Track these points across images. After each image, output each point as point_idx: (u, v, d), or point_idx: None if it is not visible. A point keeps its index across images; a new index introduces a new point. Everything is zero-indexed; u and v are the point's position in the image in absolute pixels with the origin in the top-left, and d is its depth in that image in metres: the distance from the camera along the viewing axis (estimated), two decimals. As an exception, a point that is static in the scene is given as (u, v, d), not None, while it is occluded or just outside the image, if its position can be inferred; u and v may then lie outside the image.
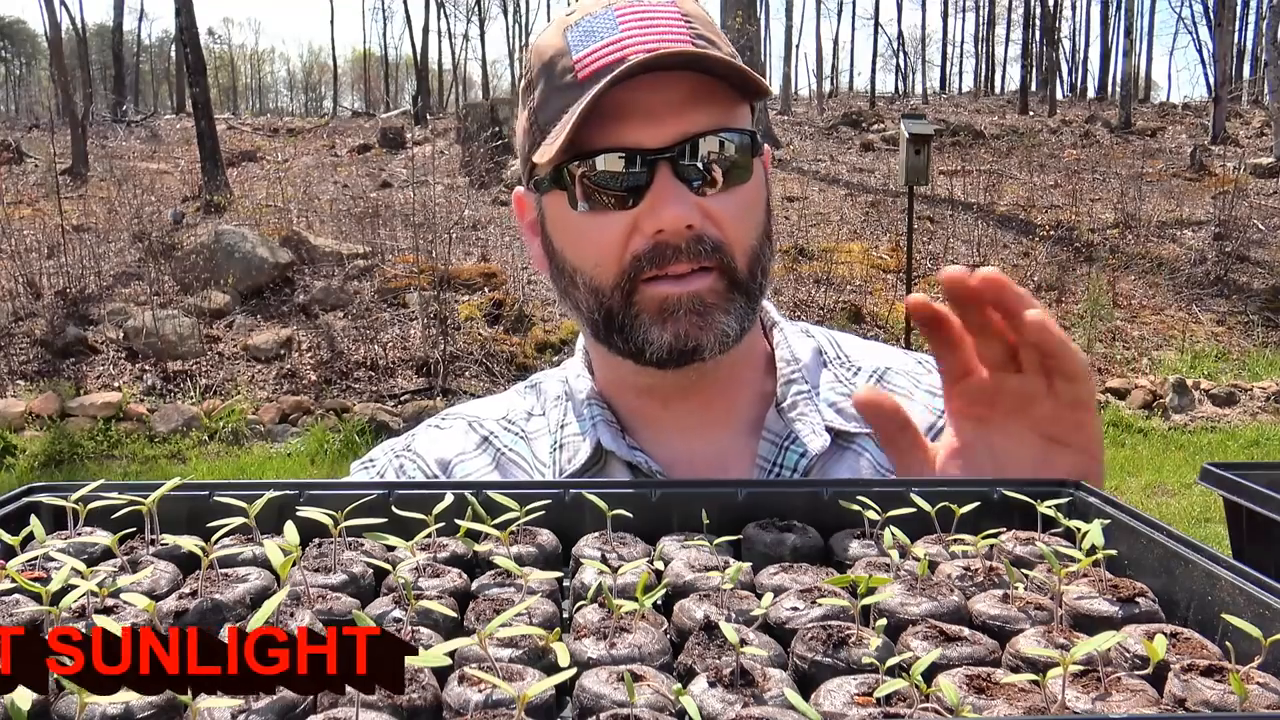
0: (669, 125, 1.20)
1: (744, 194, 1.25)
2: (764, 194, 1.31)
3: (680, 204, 1.19)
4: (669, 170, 1.20)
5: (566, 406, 1.38)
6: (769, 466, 1.29)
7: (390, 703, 0.62)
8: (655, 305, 1.22)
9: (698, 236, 1.21)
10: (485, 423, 1.42)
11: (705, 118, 1.21)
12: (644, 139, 1.20)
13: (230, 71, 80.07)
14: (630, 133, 1.20)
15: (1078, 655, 0.61)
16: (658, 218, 1.20)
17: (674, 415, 1.33)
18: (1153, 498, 7.80)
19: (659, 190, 1.20)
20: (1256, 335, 12.18)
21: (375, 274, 12.26)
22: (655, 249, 1.21)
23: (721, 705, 0.62)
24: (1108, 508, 0.90)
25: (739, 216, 1.25)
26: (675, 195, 1.19)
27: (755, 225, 1.28)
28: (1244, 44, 40.64)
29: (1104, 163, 18.71)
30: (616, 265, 1.23)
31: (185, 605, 0.76)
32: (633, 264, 1.22)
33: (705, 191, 1.22)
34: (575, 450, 1.31)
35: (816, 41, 50.88)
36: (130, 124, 24.60)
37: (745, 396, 1.36)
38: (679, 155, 1.20)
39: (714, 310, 1.22)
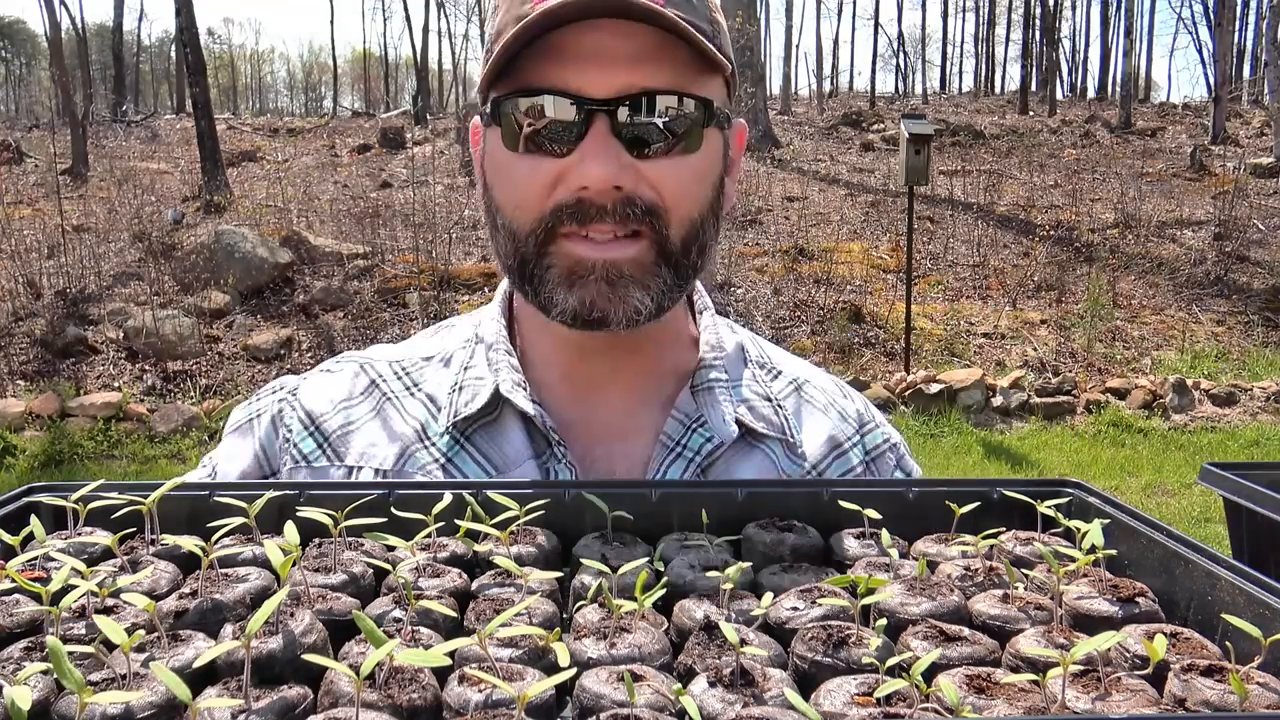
0: (617, 76, 1.14)
1: (691, 164, 1.18)
2: (717, 170, 1.24)
3: (608, 162, 1.13)
4: (606, 124, 1.14)
5: (475, 349, 1.34)
6: (672, 445, 1.26)
7: (390, 703, 0.62)
8: (567, 264, 1.17)
9: (627, 198, 1.15)
10: (377, 364, 1.39)
11: (659, 76, 1.14)
12: (587, 86, 1.14)
13: (230, 71, 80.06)
14: (575, 77, 1.15)
15: (1078, 655, 0.61)
16: (584, 173, 1.14)
17: (588, 371, 1.29)
18: (1153, 498, 7.79)
19: (591, 144, 1.14)
20: (1256, 335, 12.17)
21: (375, 274, 12.25)
22: (579, 204, 1.15)
23: (721, 705, 0.62)
24: (1108, 508, 0.90)
25: (680, 185, 1.17)
26: (606, 152, 1.13)
27: (699, 199, 1.20)
28: (1244, 44, 40.65)
29: (1104, 163, 18.71)
30: (536, 211, 1.17)
31: (185, 605, 0.76)
32: (553, 213, 1.16)
33: (645, 153, 1.16)
34: (474, 394, 1.28)
35: (816, 41, 50.91)
36: (130, 124, 24.60)
37: (662, 370, 1.33)
38: (620, 109, 1.14)
39: (629, 283, 1.17)
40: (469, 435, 1.27)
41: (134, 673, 0.63)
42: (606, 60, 1.14)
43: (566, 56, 1.15)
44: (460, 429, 1.27)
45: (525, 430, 1.27)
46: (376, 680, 0.63)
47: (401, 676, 0.64)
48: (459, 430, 1.27)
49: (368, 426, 1.32)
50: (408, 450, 1.28)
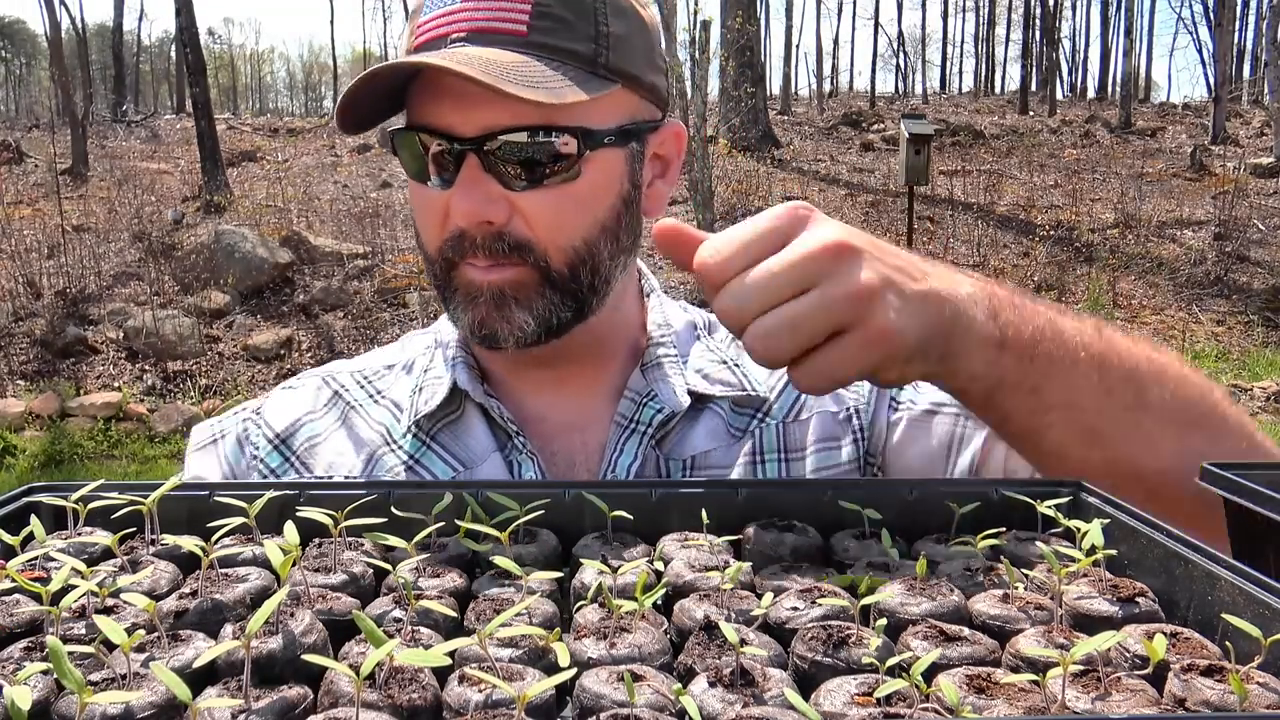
0: (479, 114, 1.15)
1: (568, 192, 1.19)
2: (615, 189, 1.23)
3: (474, 200, 1.16)
4: (475, 161, 1.16)
5: (435, 353, 1.36)
6: (625, 423, 1.28)
7: (390, 703, 0.62)
8: (463, 287, 1.22)
9: (497, 234, 1.17)
10: (339, 376, 1.42)
11: (523, 111, 1.13)
12: (456, 124, 1.17)
13: (230, 71, 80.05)
14: (445, 114, 1.17)
15: (1078, 655, 0.61)
16: (453, 210, 1.18)
17: (539, 370, 1.32)
18: (1153, 498, 7.78)
19: (462, 181, 1.17)
20: (1256, 335, 12.17)
21: (375, 274, 12.26)
22: (459, 238, 1.19)
23: (721, 705, 0.62)
24: (1108, 508, 0.90)
25: (557, 216, 1.19)
26: (474, 189, 1.16)
27: (582, 226, 1.21)
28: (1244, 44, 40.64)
29: (1104, 163, 18.71)
30: (437, 244, 1.22)
31: (185, 605, 0.76)
32: (446, 246, 1.21)
33: (517, 186, 1.17)
34: (433, 393, 1.30)
35: (816, 41, 50.89)
36: (130, 124, 24.60)
37: (616, 358, 1.35)
38: (486, 147, 1.16)
39: (512, 304, 1.20)
40: (434, 434, 1.30)
41: (134, 673, 0.63)
42: (469, 99, 1.15)
43: (439, 94, 1.18)
44: (425, 429, 1.30)
45: (487, 425, 1.30)
46: (376, 680, 0.63)
47: (401, 676, 0.64)
48: (424, 430, 1.30)
49: (334, 437, 1.35)
50: (375, 455, 1.32)
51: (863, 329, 0.92)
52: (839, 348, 0.92)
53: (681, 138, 1.35)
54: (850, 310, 0.91)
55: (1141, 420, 1.06)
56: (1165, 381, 1.08)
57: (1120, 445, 1.06)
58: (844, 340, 0.92)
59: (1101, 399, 1.04)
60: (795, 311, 0.90)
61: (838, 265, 0.92)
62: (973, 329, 0.99)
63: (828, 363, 0.92)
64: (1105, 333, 1.08)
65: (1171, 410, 1.07)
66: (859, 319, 0.91)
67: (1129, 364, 1.06)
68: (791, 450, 1.31)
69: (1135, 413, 1.06)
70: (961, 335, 0.98)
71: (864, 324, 0.91)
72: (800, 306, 0.90)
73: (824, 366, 0.92)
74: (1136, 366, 1.07)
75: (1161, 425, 1.06)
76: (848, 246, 0.92)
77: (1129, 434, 1.06)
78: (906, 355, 0.94)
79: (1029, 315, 1.03)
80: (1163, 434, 1.06)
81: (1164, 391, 1.07)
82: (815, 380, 0.94)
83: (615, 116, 1.22)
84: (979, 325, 0.99)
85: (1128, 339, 1.10)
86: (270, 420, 1.38)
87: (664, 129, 1.31)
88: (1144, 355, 1.09)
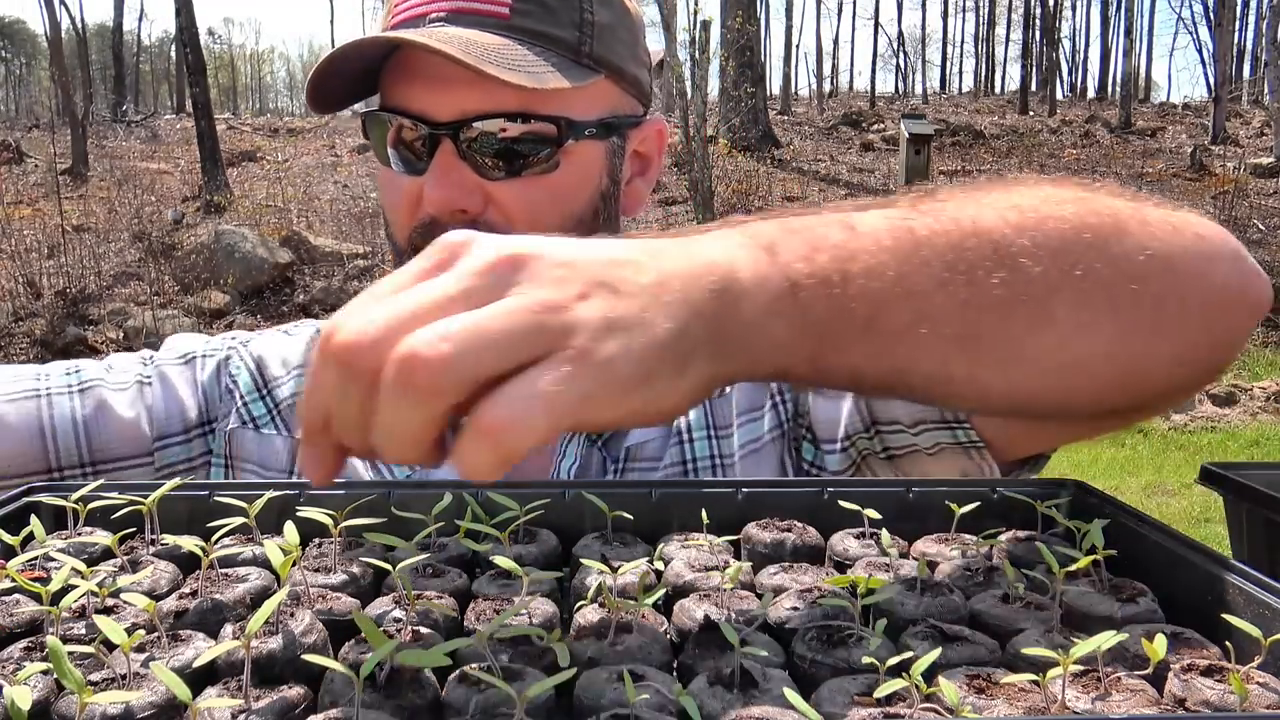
0: (458, 98, 1.11)
1: (546, 183, 1.16)
2: (593, 182, 1.20)
3: (448, 188, 1.12)
4: (450, 147, 1.13)
5: None
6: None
7: (390, 703, 0.62)
8: None
9: (471, 222, 1.13)
10: None
11: (501, 97, 1.10)
12: (431, 108, 1.13)
13: (230, 71, 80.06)
14: (420, 98, 1.14)
15: (1078, 655, 0.61)
16: (426, 197, 1.14)
17: None
18: (1153, 498, 7.80)
19: (436, 167, 1.13)
20: (1256, 335, 12.17)
21: (375, 274, 12.26)
22: (431, 226, 1.14)
23: (721, 705, 0.62)
24: (1108, 508, 0.90)
25: (533, 207, 1.15)
26: (448, 176, 1.12)
27: (560, 218, 1.17)
28: (1244, 44, 40.65)
29: (1104, 163, 18.71)
30: (406, 231, 1.18)
31: (185, 605, 0.77)
32: (415, 232, 1.17)
33: (493, 175, 1.14)
34: None
35: (816, 41, 50.90)
36: (130, 124, 24.60)
37: None
38: (463, 133, 1.13)
39: None
40: None
41: (134, 673, 0.63)
42: (446, 82, 1.11)
43: (412, 76, 1.14)
44: None
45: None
46: (376, 680, 0.63)
47: (401, 677, 0.64)
48: None
49: None
50: None
51: (561, 351, 0.61)
52: (526, 380, 0.61)
53: (663, 136, 1.32)
54: (537, 330, 0.62)
55: (1025, 302, 0.77)
56: (1045, 231, 0.79)
57: (1020, 344, 0.79)
58: (532, 371, 0.61)
59: (962, 293, 0.76)
60: (486, 322, 0.62)
61: (514, 277, 0.64)
62: (749, 293, 0.70)
63: (510, 402, 0.60)
64: (934, 206, 0.79)
65: (1062, 271, 0.78)
66: (554, 340, 0.62)
67: (991, 235, 0.78)
68: (720, 426, 1.27)
69: (1017, 295, 0.77)
70: (735, 306, 0.69)
71: (562, 343, 0.62)
72: (489, 317, 0.63)
73: (505, 410, 0.59)
74: (999, 235, 0.78)
75: (1061, 296, 0.78)
76: (521, 256, 0.65)
77: (1023, 326, 0.78)
78: (651, 369, 0.64)
79: (823, 236, 0.74)
80: (1069, 307, 0.79)
81: (1044, 250, 0.78)
82: (502, 432, 0.59)
83: (597, 108, 1.20)
84: (757, 284, 0.70)
85: (972, 199, 0.81)
86: (258, 357, 1.32)
87: (646, 125, 1.28)
88: (1001, 214, 0.80)
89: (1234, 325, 0.91)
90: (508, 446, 0.59)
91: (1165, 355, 0.86)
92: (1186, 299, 0.85)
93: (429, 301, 0.62)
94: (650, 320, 0.64)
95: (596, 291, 0.64)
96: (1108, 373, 0.84)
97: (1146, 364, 0.85)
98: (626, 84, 1.24)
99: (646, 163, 1.31)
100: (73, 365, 1.30)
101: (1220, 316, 0.89)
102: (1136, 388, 0.88)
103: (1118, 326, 0.82)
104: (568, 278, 0.64)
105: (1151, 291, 0.82)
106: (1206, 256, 0.88)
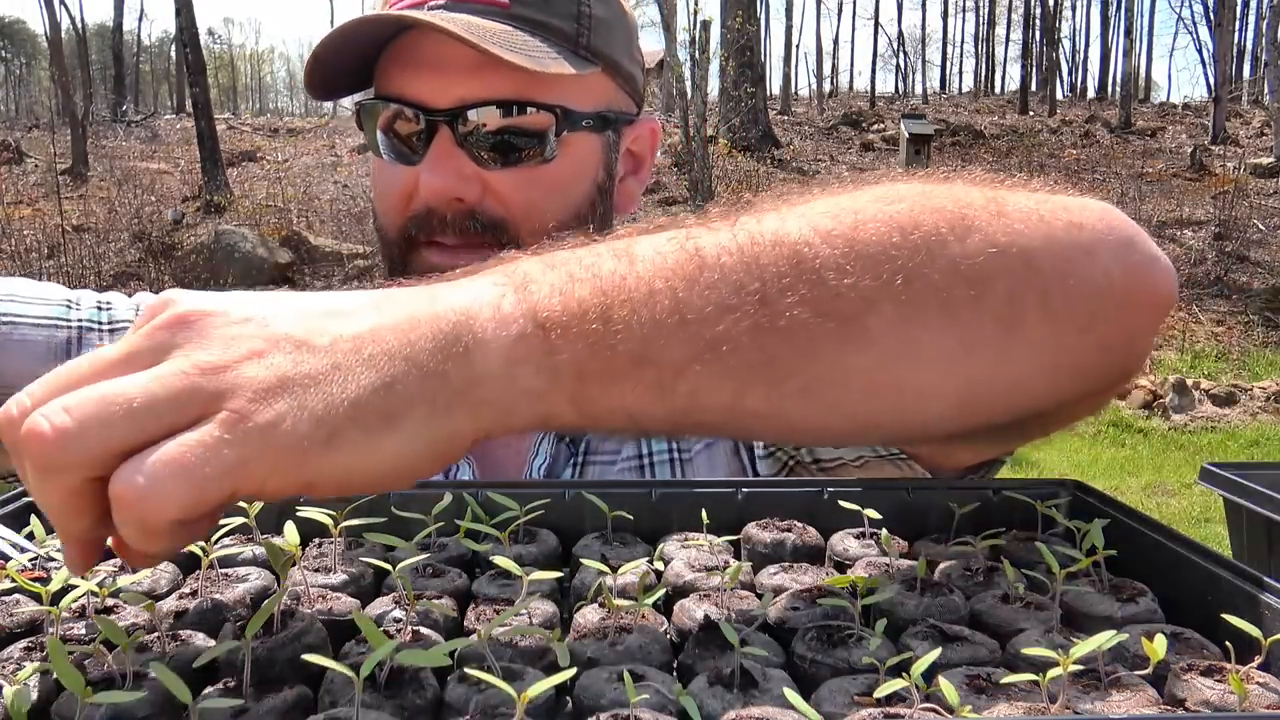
0: (456, 85, 1.11)
1: (543, 173, 1.15)
2: (588, 176, 1.20)
3: (446, 175, 1.11)
4: (448, 135, 1.12)
5: None
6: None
7: (390, 702, 0.62)
8: (424, 272, 1.13)
9: (469, 211, 1.13)
10: None
11: (500, 85, 1.10)
12: (428, 95, 1.12)
13: (230, 71, 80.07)
14: (417, 85, 1.13)
15: (1078, 655, 0.61)
16: (423, 185, 1.13)
17: None
18: (1153, 498, 7.80)
19: (433, 154, 1.12)
20: (1256, 335, 12.17)
21: (375, 274, 12.26)
22: (427, 215, 1.14)
23: (721, 705, 0.62)
24: (1108, 508, 0.90)
25: (530, 197, 1.14)
26: (445, 164, 1.11)
27: (557, 209, 1.16)
28: (1244, 44, 40.65)
29: (1104, 163, 18.72)
30: (399, 222, 1.17)
31: (185, 605, 0.77)
32: (410, 224, 1.16)
33: (490, 164, 1.13)
34: None
35: (816, 41, 50.92)
36: (130, 124, 24.61)
37: None
38: (460, 120, 1.12)
39: None
40: None
41: (134, 673, 0.64)
42: (445, 68, 1.11)
43: (410, 64, 1.13)
44: None
45: None
46: (377, 680, 0.63)
47: (401, 677, 0.64)
48: None
49: None
50: None
51: (214, 415, 0.57)
52: (162, 447, 0.55)
53: (656, 136, 1.32)
54: (188, 393, 0.57)
55: (832, 320, 0.68)
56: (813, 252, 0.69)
57: (828, 368, 0.70)
58: (175, 438, 0.56)
59: (752, 318, 0.67)
60: (120, 390, 0.56)
61: (179, 338, 0.59)
62: (485, 341, 0.63)
63: (137, 472, 0.55)
64: (741, 220, 0.71)
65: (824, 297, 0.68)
66: (207, 404, 0.57)
67: (793, 247, 0.68)
68: None
69: (821, 314, 0.68)
70: (467, 358, 0.63)
71: (215, 407, 0.57)
72: (128, 384, 0.57)
73: (134, 480, 0.55)
74: (803, 247, 0.68)
75: (878, 310, 0.69)
76: (195, 314, 0.60)
77: (831, 347, 0.69)
78: (336, 429, 0.58)
79: (588, 267, 0.67)
80: (889, 321, 0.70)
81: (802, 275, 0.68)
82: (135, 503, 0.55)
83: (593, 101, 1.19)
84: (497, 330, 0.64)
85: (786, 209, 0.72)
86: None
87: (639, 124, 1.28)
88: (810, 223, 0.70)
89: (1128, 324, 0.80)
90: (144, 518, 0.55)
91: (1026, 365, 0.75)
92: (1050, 298, 0.74)
93: (85, 369, 0.59)
94: (340, 377, 0.59)
95: (276, 349, 0.59)
96: (950, 390, 0.74)
97: (1002, 376, 0.75)
98: (622, 80, 1.24)
99: (639, 162, 1.31)
100: (105, 300, 1.28)
101: (1105, 315, 0.77)
102: (994, 403, 0.77)
103: (956, 338, 0.71)
104: (242, 336, 0.59)
105: (1000, 294, 0.71)
106: (1084, 248, 0.76)
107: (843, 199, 0.73)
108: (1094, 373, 0.80)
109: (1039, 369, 0.76)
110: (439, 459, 0.64)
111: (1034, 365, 0.75)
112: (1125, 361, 0.82)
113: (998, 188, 0.78)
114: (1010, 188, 0.79)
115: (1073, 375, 0.79)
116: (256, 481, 0.57)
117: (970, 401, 0.75)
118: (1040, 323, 0.74)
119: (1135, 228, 0.80)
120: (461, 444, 0.64)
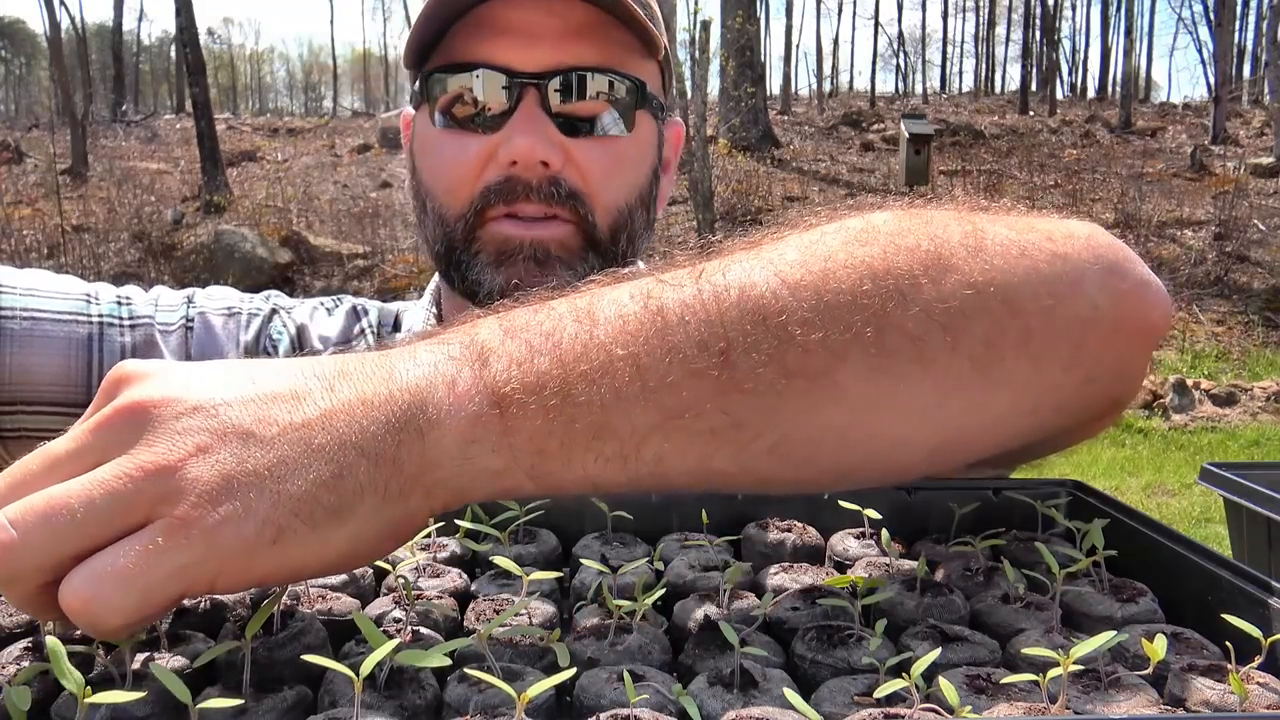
0: (547, 51, 1.11)
1: (620, 147, 1.16)
2: (649, 159, 1.22)
3: (538, 136, 1.11)
4: (536, 98, 1.12)
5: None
6: None
7: (390, 703, 0.62)
8: (496, 245, 1.14)
9: (553, 178, 1.12)
10: (370, 313, 1.37)
11: (589, 54, 1.11)
12: (516, 60, 1.12)
13: (230, 71, 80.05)
14: (503, 51, 1.12)
15: (1078, 655, 0.61)
16: (512, 147, 1.11)
17: None
18: (1153, 498, 7.79)
19: (520, 118, 1.11)
20: (1256, 335, 12.17)
21: (375, 274, 12.26)
22: (507, 182, 1.12)
23: (721, 705, 0.62)
24: (1108, 508, 0.90)
25: (607, 169, 1.14)
26: (535, 127, 1.11)
27: (627, 185, 1.17)
28: (1244, 44, 40.61)
29: (1104, 163, 18.72)
30: (467, 194, 1.14)
31: (185, 605, 0.76)
32: (482, 196, 1.14)
33: (574, 133, 1.13)
34: None
35: (816, 41, 50.94)
36: (130, 124, 24.61)
37: None
38: (550, 85, 1.12)
39: (555, 264, 1.12)
40: None
41: (134, 673, 0.63)
42: (535, 36, 1.11)
43: (495, 31, 1.12)
44: None
45: None
46: (377, 680, 0.63)
47: (401, 677, 0.64)
48: None
49: None
50: None
51: (159, 519, 0.56)
52: (107, 554, 0.56)
53: (681, 138, 1.35)
54: (131, 497, 0.56)
55: (800, 377, 0.66)
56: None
57: (798, 426, 0.68)
58: (120, 544, 0.56)
59: (716, 380, 0.65)
60: (63, 497, 0.56)
61: (128, 433, 0.58)
62: (439, 423, 0.62)
63: (83, 580, 0.55)
64: (705, 271, 0.68)
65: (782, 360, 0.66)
66: (152, 508, 0.56)
67: (759, 302, 0.66)
68: None
69: (788, 372, 0.66)
70: (419, 441, 0.62)
71: (160, 511, 0.56)
72: (71, 489, 0.56)
73: (81, 588, 0.55)
74: (769, 301, 0.66)
75: (848, 363, 0.66)
76: (145, 405, 0.59)
77: (799, 405, 0.67)
78: (283, 526, 0.58)
79: (549, 334, 0.65)
80: (861, 374, 0.67)
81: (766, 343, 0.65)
82: (83, 610, 0.56)
83: (654, 86, 1.21)
84: (452, 411, 0.62)
85: (753, 256, 0.69)
86: (300, 329, 1.30)
87: (670, 124, 1.30)
88: (777, 272, 0.67)
89: (1117, 354, 0.77)
90: (96, 624, 0.56)
91: (1005, 405, 0.73)
92: (1031, 337, 0.71)
93: (35, 468, 0.59)
94: (288, 472, 0.58)
95: (223, 443, 0.57)
96: (926, 437, 0.72)
97: (979, 419, 0.73)
98: (665, 77, 1.26)
99: (667, 162, 1.32)
100: (124, 294, 1.28)
101: (1091, 348, 0.75)
102: (973, 444, 0.75)
103: (932, 385, 0.69)
104: (189, 430, 0.58)
105: (977, 336, 0.69)
106: (1068, 280, 0.73)
107: (814, 242, 0.70)
108: (1080, 406, 0.79)
109: (1019, 409, 0.74)
110: (395, 540, 0.65)
111: (1014, 405, 0.73)
112: (1116, 391, 0.81)
113: (978, 217, 0.75)
114: (991, 216, 0.76)
115: (1056, 411, 0.77)
116: (205, 583, 0.58)
117: (949, 445, 0.74)
118: (1021, 361, 0.71)
119: (1124, 252, 0.78)
120: (417, 523, 0.65)
